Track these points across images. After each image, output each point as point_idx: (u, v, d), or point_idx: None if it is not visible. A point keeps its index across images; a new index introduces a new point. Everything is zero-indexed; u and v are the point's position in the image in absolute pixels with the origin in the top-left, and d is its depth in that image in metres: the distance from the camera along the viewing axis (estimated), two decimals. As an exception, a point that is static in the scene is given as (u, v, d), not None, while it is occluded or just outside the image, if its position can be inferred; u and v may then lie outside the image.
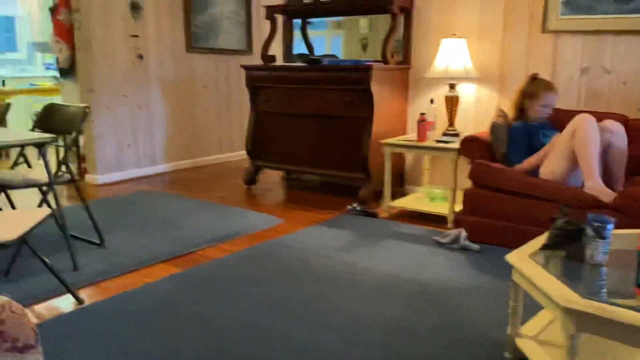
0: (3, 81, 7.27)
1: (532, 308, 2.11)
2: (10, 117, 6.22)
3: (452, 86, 3.73)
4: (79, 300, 2.39)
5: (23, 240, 2.08)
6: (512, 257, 1.81)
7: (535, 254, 1.85)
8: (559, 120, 3.29)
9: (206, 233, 3.37)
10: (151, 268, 2.83)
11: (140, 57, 5.01)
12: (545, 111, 3.20)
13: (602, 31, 3.39)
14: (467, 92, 3.95)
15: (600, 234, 1.71)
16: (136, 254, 2.98)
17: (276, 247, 3.12)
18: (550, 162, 2.97)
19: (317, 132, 4.20)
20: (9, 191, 3.15)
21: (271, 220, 3.68)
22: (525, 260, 1.77)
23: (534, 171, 3.07)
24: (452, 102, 3.72)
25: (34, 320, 2.24)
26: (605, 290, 1.70)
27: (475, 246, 3.03)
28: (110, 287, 2.58)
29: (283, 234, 3.38)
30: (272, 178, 5.06)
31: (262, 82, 4.45)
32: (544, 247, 1.87)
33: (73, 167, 4.98)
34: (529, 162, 3.11)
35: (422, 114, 3.68)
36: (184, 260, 2.94)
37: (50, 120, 3.09)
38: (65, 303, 2.40)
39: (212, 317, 2.26)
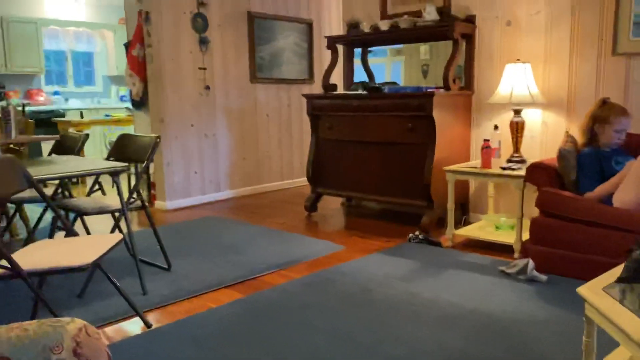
0: (82, 113, 7.74)
1: (607, 345, 1.99)
2: (86, 146, 6.59)
3: (517, 111, 3.64)
4: (147, 324, 2.47)
5: (97, 264, 2.18)
6: (585, 290, 1.73)
7: (610, 287, 1.75)
8: (633, 145, 3.14)
9: (268, 259, 3.41)
10: (215, 293, 2.90)
11: (207, 88, 5.22)
12: (618, 136, 3.05)
13: (679, 52, 3.23)
14: (533, 118, 3.85)
15: (682, 268, 1.61)
16: (201, 279, 3.06)
17: (337, 275, 3.11)
18: (624, 189, 2.82)
19: (378, 159, 4.19)
20: (84, 217, 3.33)
21: (332, 247, 3.68)
22: (599, 294, 1.68)
23: (607, 199, 2.92)
24: (517, 128, 3.63)
25: (106, 342, 2.34)
26: (689, 328, 1.58)
27: (544, 277, 2.91)
28: (176, 311, 2.66)
29: (344, 261, 3.38)
30: (332, 205, 5.08)
31: (322, 110, 4.51)
32: (620, 280, 1.77)
33: (144, 193, 5.23)
34: (601, 189, 2.96)
35: (486, 140, 3.61)
36: (246, 286, 2.98)
37: (123, 149, 3.25)
38: (134, 326, 2.49)
39: (273, 344, 2.27)
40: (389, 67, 5.09)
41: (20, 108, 4.27)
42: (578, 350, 2.11)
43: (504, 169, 3.45)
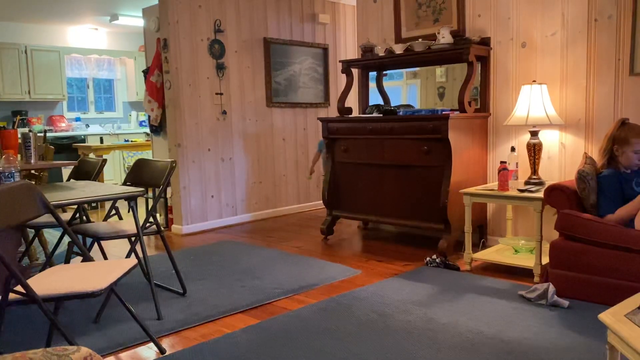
0: (102, 138, 7.88)
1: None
2: (106, 170, 6.68)
3: (533, 133, 3.60)
4: (161, 350, 2.46)
5: (111, 289, 2.18)
6: (607, 316, 1.67)
7: (633, 313, 1.70)
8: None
9: (283, 284, 3.39)
10: (230, 318, 2.87)
11: (224, 112, 5.27)
12: (638, 158, 2.99)
13: (699, 71, 3.18)
14: (550, 139, 3.80)
15: None
16: (216, 304, 3.05)
17: (353, 300, 3.07)
18: (646, 211, 2.76)
19: (394, 182, 4.17)
20: (101, 242, 3.35)
21: (348, 271, 3.65)
22: (622, 321, 1.63)
23: (629, 222, 2.85)
24: (534, 150, 3.59)
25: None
26: None
27: (565, 302, 2.83)
28: (190, 337, 2.64)
29: (360, 286, 3.34)
30: (348, 228, 5.05)
31: (338, 133, 4.52)
32: (643, 307, 1.72)
33: (161, 217, 5.26)
34: (622, 211, 2.90)
35: (503, 162, 3.57)
36: (261, 311, 2.96)
37: (140, 174, 3.29)
38: (148, 352, 2.48)
39: (288, 371, 2.23)
40: (405, 90, 5.10)
41: (41, 134, 4.35)
42: (602, 379, 2.04)
43: (521, 191, 3.40)
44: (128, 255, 3.13)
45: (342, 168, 4.55)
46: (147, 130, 6.45)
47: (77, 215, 3.49)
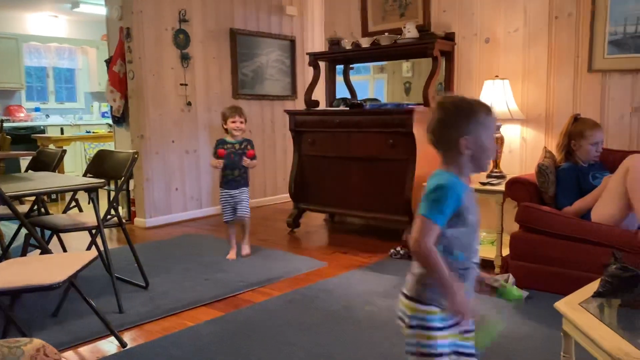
0: (62, 129, 7.67)
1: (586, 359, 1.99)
2: (66, 162, 6.51)
3: (496, 127, 3.67)
4: (123, 344, 2.42)
5: (70, 282, 2.13)
6: (562, 305, 1.73)
7: (587, 301, 1.75)
8: (610, 161, 3.17)
9: (248, 277, 3.37)
10: (193, 311, 2.85)
11: (189, 104, 5.20)
12: (595, 149, 3.09)
13: (653, 69, 3.30)
14: (512, 134, 3.88)
15: (657, 282, 1.61)
16: (179, 297, 3.01)
17: (318, 292, 3.08)
18: (602, 204, 2.85)
19: (360, 175, 4.19)
20: (60, 234, 3.27)
21: (313, 263, 3.66)
22: (576, 309, 1.68)
23: (586, 214, 2.94)
24: (496, 144, 3.66)
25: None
26: (665, 342, 1.58)
27: (524, 292, 2.90)
28: (152, 330, 2.60)
29: (325, 278, 3.35)
30: (315, 221, 5.06)
31: (305, 126, 4.51)
32: (597, 295, 1.78)
33: (123, 210, 5.16)
34: (579, 204, 2.99)
35: (466, 156, 3.62)
36: (225, 304, 2.94)
37: (101, 165, 3.21)
38: (109, 346, 2.44)
39: (252, 363, 2.23)
40: (372, 84, 5.13)
41: (-3, 124, 4.21)
42: (557, 366, 2.10)
43: (483, 184, 3.47)
44: (88, 248, 3.06)
45: (308, 161, 4.55)
46: (110, 121, 6.30)
47: (35, 207, 3.39)
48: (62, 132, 7.38)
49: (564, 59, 3.64)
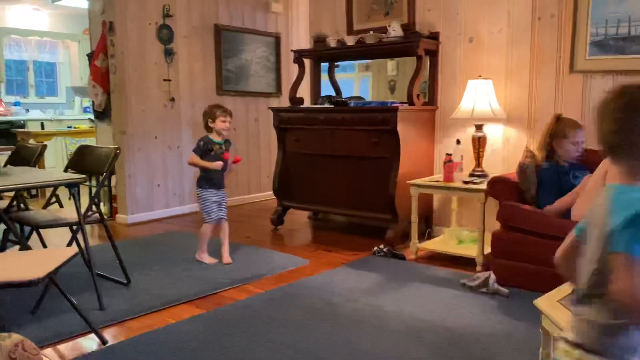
0: (42, 124, 7.55)
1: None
2: (47, 157, 6.42)
3: (478, 127, 3.70)
4: (103, 341, 2.39)
5: (50, 278, 2.11)
6: (541, 302, 1.75)
7: (566, 299, 1.77)
8: (590, 161, 3.21)
9: (231, 274, 3.36)
10: (175, 308, 2.83)
11: (172, 100, 5.16)
12: (576, 149, 3.13)
13: (633, 71, 3.34)
14: (494, 133, 3.92)
15: (635, 279, 1.63)
16: (161, 294, 2.99)
17: (301, 289, 3.08)
18: (582, 203, 2.89)
19: (344, 173, 4.20)
20: (41, 230, 3.22)
21: (297, 261, 3.65)
22: (555, 306, 1.70)
23: (566, 213, 2.98)
24: (479, 143, 3.69)
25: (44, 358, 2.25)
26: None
27: (505, 290, 2.94)
28: (134, 327, 2.58)
29: (308, 275, 3.35)
30: (299, 218, 5.06)
31: (289, 123, 4.51)
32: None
33: (105, 206, 5.10)
34: (559, 203, 3.02)
35: (448, 154, 3.66)
36: (207, 301, 2.93)
37: (82, 161, 3.17)
38: (89, 343, 2.41)
39: (234, 360, 2.22)
40: (357, 82, 5.14)
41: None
42: (537, 363, 2.13)
43: (466, 183, 3.50)
44: (69, 245, 3.02)
45: (293, 158, 4.55)
46: (91, 116, 6.22)
47: (15, 203, 3.34)
48: (42, 127, 7.29)
49: (546, 59, 3.68)
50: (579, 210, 2.89)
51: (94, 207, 3.00)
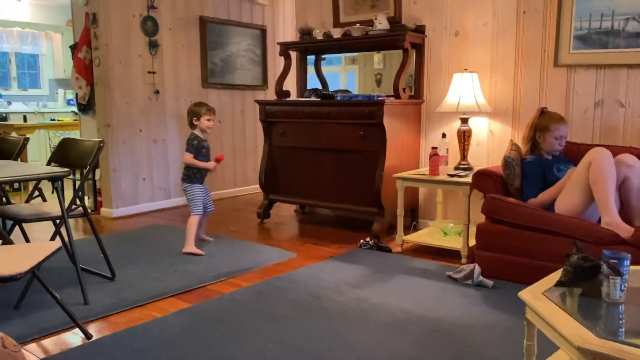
0: (25, 116, 7.45)
1: (549, 347, 2.04)
2: (30, 150, 6.34)
3: (464, 120, 3.72)
4: (87, 335, 2.37)
5: (33, 273, 2.08)
6: (526, 294, 1.76)
7: (549, 291, 1.80)
8: (574, 154, 3.25)
9: (217, 267, 3.35)
10: (161, 302, 2.81)
11: (157, 92, 5.11)
12: (559, 143, 3.16)
13: (616, 65, 3.38)
14: (479, 126, 3.94)
15: (617, 271, 1.66)
16: (146, 288, 2.97)
17: (288, 282, 3.08)
18: (565, 196, 2.92)
19: (331, 166, 4.20)
20: (23, 224, 3.18)
21: (283, 254, 3.65)
22: (539, 298, 1.72)
23: (549, 206, 3.01)
24: (464, 136, 3.71)
25: (29, 356, 2.23)
26: (622, 329, 1.63)
27: (489, 282, 2.97)
28: (119, 322, 2.56)
29: (295, 268, 3.35)
30: (285, 212, 5.05)
31: (275, 116, 4.49)
32: (559, 284, 1.82)
33: (89, 200, 5.05)
34: (543, 196, 3.06)
35: (434, 147, 3.67)
36: (193, 295, 2.92)
37: (65, 154, 3.14)
38: (73, 338, 2.39)
39: (219, 354, 2.22)
40: (344, 75, 5.12)
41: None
42: (522, 353, 2.15)
43: (451, 176, 3.52)
44: (52, 239, 2.99)
45: (279, 152, 4.53)
46: (75, 109, 6.14)
47: (-4, 196, 3.29)
48: (25, 120, 7.18)
49: (531, 53, 3.70)
50: (562, 202, 2.93)
51: (77, 201, 2.96)
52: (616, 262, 1.66)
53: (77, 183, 3.06)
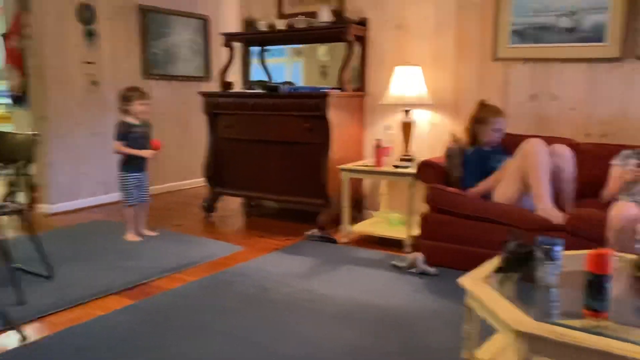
0: (-49, 108, 6.99)
1: (490, 331, 2.13)
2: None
3: (406, 112, 3.79)
4: (23, 337, 2.28)
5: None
6: (466, 280, 1.83)
7: (489, 277, 1.87)
8: (511, 145, 3.37)
9: (162, 263, 3.28)
10: (103, 300, 2.73)
11: (95, 83, 4.93)
12: (497, 135, 3.28)
13: (549, 59, 3.53)
14: (422, 118, 4.02)
15: (550, 256, 1.75)
16: (87, 286, 2.88)
17: (235, 276, 3.06)
18: (502, 185, 3.04)
19: (276, 158, 4.19)
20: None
21: (230, 248, 3.62)
22: (478, 284, 1.79)
23: (488, 195, 3.13)
24: (407, 128, 3.78)
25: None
26: (556, 312, 1.72)
27: (433, 270, 3.05)
28: (58, 322, 2.47)
29: (242, 262, 3.33)
30: (231, 205, 5.00)
31: (220, 108, 4.43)
32: (497, 270, 1.90)
33: (24, 196, 4.82)
34: (482, 186, 3.17)
35: (378, 139, 3.73)
36: (137, 292, 2.85)
37: (-4, 148, 2.98)
38: (9, 340, 2.29)
39: (167, 350, 2.19)
40: (289, 67, 5.10)
41: None
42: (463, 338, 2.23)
43: (396, 167, 3.58)
44: (-16, 238, 2.84)
45: (224, 144, 4.48)
46: (8, 101, 5.83)
47: None
48: (-49, 112, 6.74)
49: (470, 47, 3.81)
50: (500, 192, 3.05)
51: (11, 197, 2.83)
52: (549, 247, 1.74)
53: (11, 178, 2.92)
